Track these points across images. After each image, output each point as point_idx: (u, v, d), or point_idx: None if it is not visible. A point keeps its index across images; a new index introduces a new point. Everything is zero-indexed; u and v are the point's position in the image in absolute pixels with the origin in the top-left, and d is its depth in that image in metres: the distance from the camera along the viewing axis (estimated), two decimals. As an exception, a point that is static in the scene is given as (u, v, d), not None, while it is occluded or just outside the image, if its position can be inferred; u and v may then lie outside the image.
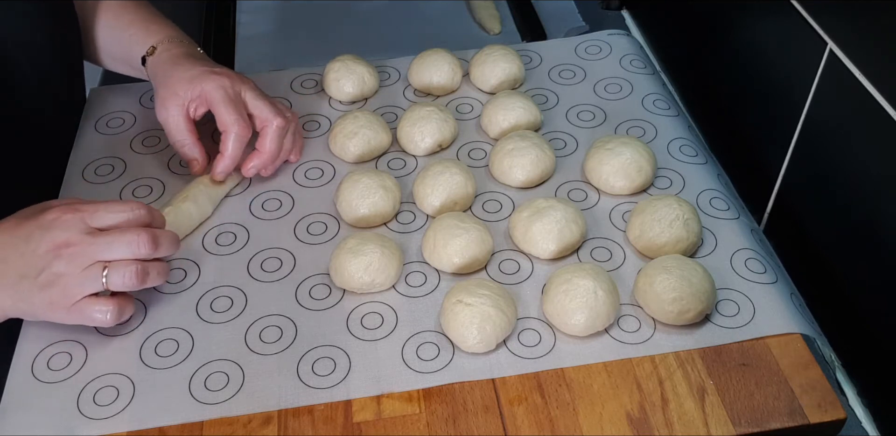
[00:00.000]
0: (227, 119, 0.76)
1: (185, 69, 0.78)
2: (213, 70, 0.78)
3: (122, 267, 0.64)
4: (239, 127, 0.76)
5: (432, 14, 1.11)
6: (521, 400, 0.64)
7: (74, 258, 0.63)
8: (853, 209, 0.70)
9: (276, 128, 0.78)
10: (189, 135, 0.79)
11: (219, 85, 0.76)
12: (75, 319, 0.65)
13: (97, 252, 0.64)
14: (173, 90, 0.78)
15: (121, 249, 0.64)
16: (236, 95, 0.77)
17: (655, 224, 0.71)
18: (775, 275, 0.71)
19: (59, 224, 0.64)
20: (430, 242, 0.72)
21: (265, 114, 0.78)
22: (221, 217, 0.78)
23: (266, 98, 0.79)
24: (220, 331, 0.69)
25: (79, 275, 0.63)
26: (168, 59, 0.81)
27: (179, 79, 0.78)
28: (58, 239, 0.63)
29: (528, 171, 0.78)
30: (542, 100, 0.90)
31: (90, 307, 0.64)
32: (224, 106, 0.76)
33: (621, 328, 0.68)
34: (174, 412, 0.63)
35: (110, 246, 0.64)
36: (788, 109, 0.76)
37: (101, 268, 0.64)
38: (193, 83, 0.77)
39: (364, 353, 0.67)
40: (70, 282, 0.63)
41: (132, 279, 0.64)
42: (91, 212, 0.65)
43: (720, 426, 0.61)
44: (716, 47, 0.91)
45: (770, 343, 0.66)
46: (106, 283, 0.64)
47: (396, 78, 0.94)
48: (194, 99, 0.77)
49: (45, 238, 0.63)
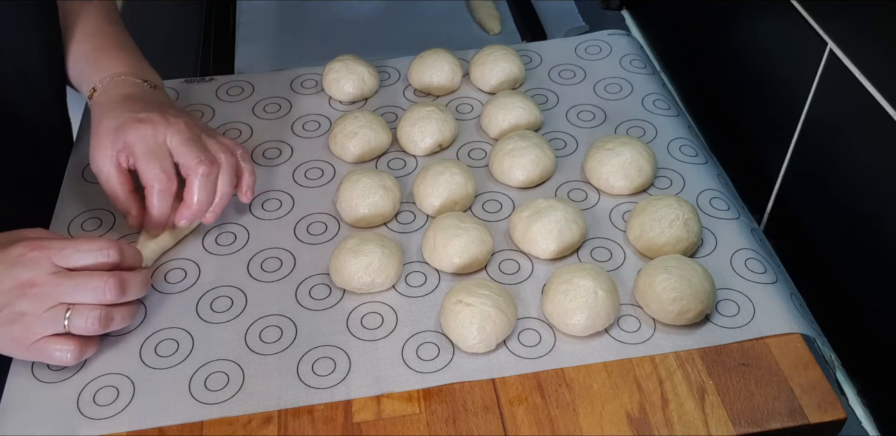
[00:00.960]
0: (147, 175, 0.71)
1: (114, 115, 0.73)
2: (137, 117, 0.72)
3: (84, 311, 0.63)
4: (159, 182, 0.71)
5: (432, 14, 1.11)
6: (521, 400, 0.64)
7: (38, 299, 0.62)
8: (853, 209, 0.70)
9: (200, 176, 0.72)
10: (121, 187, 0.73)
11: (140, 136, 0.71)
12: (34, 357, 0.64)
13: (61, 294, 0.62)
14: (100, 141, 0.73)
15: (85, 294, 0.63)
16: (159, 145, 0.72)
17: (655, 224, 0.71)
18: (775, 275, 0.71)
19: (24, 262, 0.62)
20: (430, 242, 0.72)
21: (187, 161, 0.72)
22: (222, 217, 0.78)
23: (193, 141, 0.73)
24: (220, 331, 0.69)
25: (41, 315, 0.62)
26: (103, 103, 0.76)
27: (107, 129, 0.73)
28: (22, 277, 0.62)
29: (528, 171, 0.78)
30: (542, 100, 0.90)
31: (50, 346, 0.63)
32: (144, 160, 0.71)
33: (621, 328, 0.68)
34: (174, 412, 0.63)
35: (75, 290, 0.62)
36: (788, 109, 0.76)
37: (63, 310, 0.62)
38: (118, 133, 0.72)
39: (364, 353, 0.67)
40: (31, 321, 0.62)
41: (94, 325, 0.63)
42: (58, 250, 0.63)
43: (720, 426, 0.61)
44: (716, 47, 0.91)
45: (770, 343, 0.66)
46: (67, 326, 0.62)
47: (396, 78, 0.94)
48: (121, 150, 0.72)
49: (9, 275, 0.62)
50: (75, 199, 0.80)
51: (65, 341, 0.63)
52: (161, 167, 0.71)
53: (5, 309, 0.62)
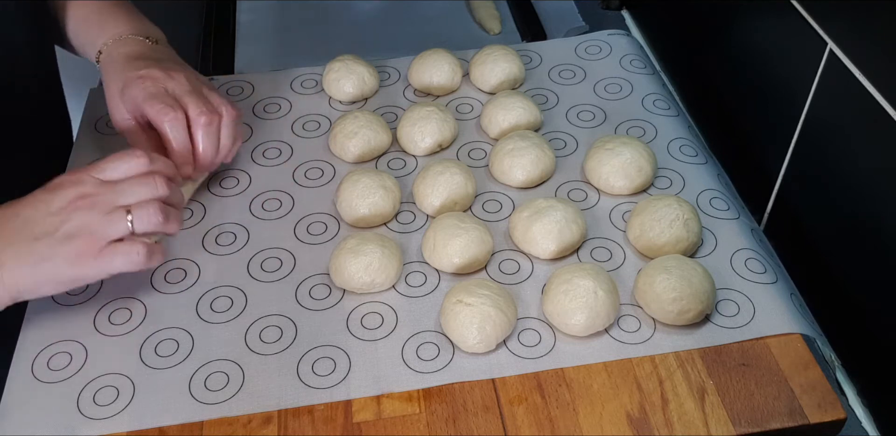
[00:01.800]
0: (153, 112, 0.73)
1: (118, 77, 0.76)
2: (138, 75, 0.75)
3: (145, 206, 0.64)
4: (165, 114, 0.72)
5: (432, 14, 1.11)
6: (521, 400, 0.64)
7: (94, 207, 0.63)
8: (853, 209, 0.70)
9: (202, 126, 0.74)
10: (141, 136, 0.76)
11: (140, 88, 0.74)
12: (104, 266, 0.63)
13: (117, 197, 0.64)
14: (114, 104, 0.76)
15: (140, 191, 0.64)
16: (160, 91, 0.74)
17: (655, 224, 0.71)
18: (775, 275, 0.71)
19: (66, 183, 0.64)
20: (430, 242, 0.72)
21: (190, 111, 0.74)
22: (221, 217, 0.78)
23: (194, 92, 0.75)
24: (220, 331, 0.69)
25: (102, 220, 0.63)
26: (109, 64, 0.78)
27: (115, 90, 0.76)
28: (71, 194, 0.63)
29: (528, 171, 0.78)
30: (542, 100, 0.90)
31: (121, 248, 0.63)
32: (148, 103, 0.73)
33: (621, 328, 0.68)
34: (174, 412, 0.63)
35: (129, 189, 0.64)
36: (788, 109, 0.76)
37: (124, 211, 0.63)
38: (124, 92, 0.75)
39: (364, 353, 0.67)
40: (94, 228, 0.62)
41: (157, 216, 0.64)
42: (94, 168, 0.65)
43: (720, 426, 0.61)
44: (716, 47, 0.91)
45: (770, 343, 0.66)
46: (132, 225, 0.63)
47: (396, 78, 0.94)
48: (132, 110, 0.75)
49: (57, 197, 0.63)
50: (75, 199, 0.80)
51: (132, 242, 0.64)
52: (164, 103, 0.73)
53: (62, 227, 0.62)
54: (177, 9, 1.14)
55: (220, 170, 0.83)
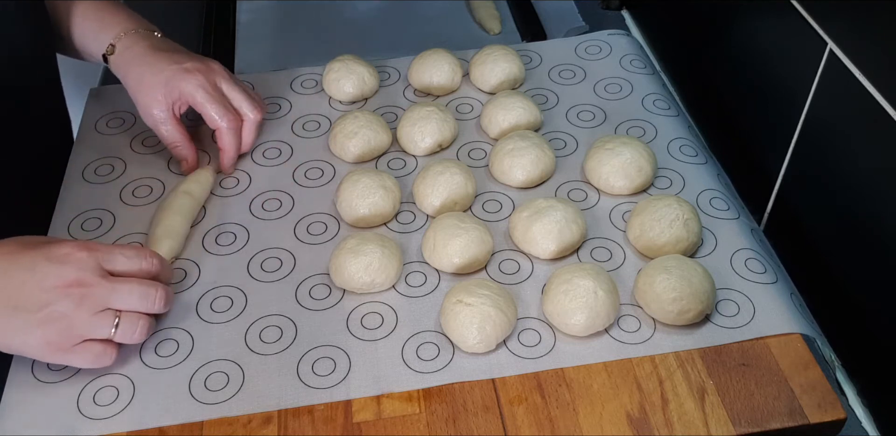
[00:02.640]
0: (215, 117, 0.78)
1: (156, 70, 0.78)
2: (184, 68, 0.78)
3: (134, 320, 0.63)
4: (228, 121, 0.78)
5: (432, 14, 1.11)
6: (521, 400, 0.64)
7: (86, 300, 0.60)
8: (853, 209, 0.70)
9: (253, 121, 0.81)
10: (181, 136, 0.80)
11: (197, 85, 0.77)
12: (69, 361, 0.62)
13: (112, 298, 0.62)
14: (152, 96, 0.78)
15: (135, 301, 0.63)
16: (215, 90, 0.79)
17: (655, 224, 0.71)
18: (775, 275, 0.71)
19: (72, 260, 0.61)
20: (430, 242, 0.72)
21: (244, 108, 0.80)
22: (221, 217, 0.78)
23: (241, 87, 0.81)
24: (220, 331, 0.69)
25: (87, 318, 0.61)
26: (133, 58, 0.79)
27: (154, 83, 0.78)
28: (69, 276, 0.60)
29: (528, 171, 0.78)
30: (542, 100, 0.90)
31: (93, 349, 0.62)
32: (209, 106, 0.78)
33: (621, 328, 0.68)
34: (174, 412, 0.63)
35: (127, 295, 0.62)
36: (788, 109, 0.76)
37: (113, 315, 0.62)
38: (170, 86, 0.77)
39: (364, 353, 0.67)
40: (76, 324, 0.60)
41: (141, 334, 0.63)
42: (106, 253, 0.63)
43: (720, 426, 0.61)
44: (716, 47, 0.91)
45: (770, 343, 0.66)
46: (114, 332, 0.62)
47: (396, 78, 0.94)
48: (176, 100, 0.78)
49: (53, 272, 0.60)
50: (75, 199, 0.80)
51: (107, 344, 0.63)
52: (225, 108, 0.78)
53: (45, 309, 0.60)
54: (177, 9, 1.15)
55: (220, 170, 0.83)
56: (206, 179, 0.79)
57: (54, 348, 0.61)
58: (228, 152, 0.80)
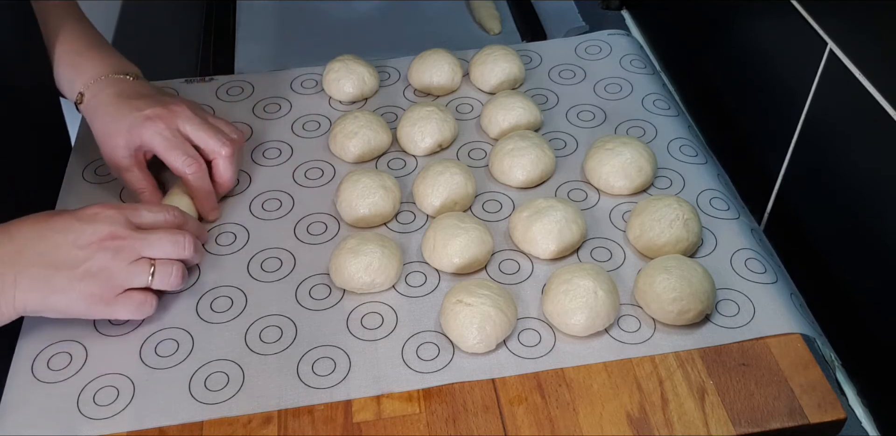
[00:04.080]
0: (177, 165, 0.75)
1: (118, 118, 0.76)
2: (144, 115, 0.75)
3: (169, 265, 0.66)
4: (189, 167, 0.75)
5: (432, 14, 1.11)
6: (521, 400, 0.64)
7: (121, 251, 0.64)
8: (853, 209, 0.70)
9: (225, 158, 0.77)
10: (146, 183, 0.77)
11: (155, 132, 0.74)
12: (112, 313, 0.65)
13: (144, 248, 0.65)
14: (114, 144, 0.76)
15: (167, 248, 0.66)
16: (176, 135, 0.75)
17: (655, 224, 0.71)
18: (775, 275, 0.71)
19: (101, 218, 0.64)
20: (430, 242, 0.72)
21: (210, 145, 0.76)
22: (221, 217, 0.78)
23: (205, 125, 0.77)
24: (220, 331, 0.69)
25: (125, 268, 0.64)
26: (97, 106, 0.77)
27: (115, 131, 0.75)
28: (102, 232, 0.64)
29: (528, 171, 0.78)
30: (542, 100, 0.90)
31: (135, 298, 0.65)
32: (167, 152, 0.75)
33: (621, 328, 0.68)
34: (174, 412, 0.63)
35: (158, 243, 0.66)
36: (788, 109, 0.76)
37: (148, 264, 0.65)
38: (132, 134, 0.75)
39: (364, 353, 0.67)
40: (115, 274, 0.64)
41: (177, 278, 0.67)
42: (132, 209, 0.66)
43: (720, 426, 0.61)
44: (716, 47, 0.91)
45: (770, 343, 0.66)
46: (152, 279, 0.65)
47: (396, 78, 0.94)
48: (138, 148, 0.76)
49: (87, 230, 0.63)
50: (75, 199, 0.80)
51: (147, 293, 0.66)
52: (186, 153, 0.75)
53: (84, 264, 0.63)
54: (177, 9, 1.15)
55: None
56: None
57: (97, 300, 0.64)
58: (201, 199, 0.76)
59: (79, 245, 0.63)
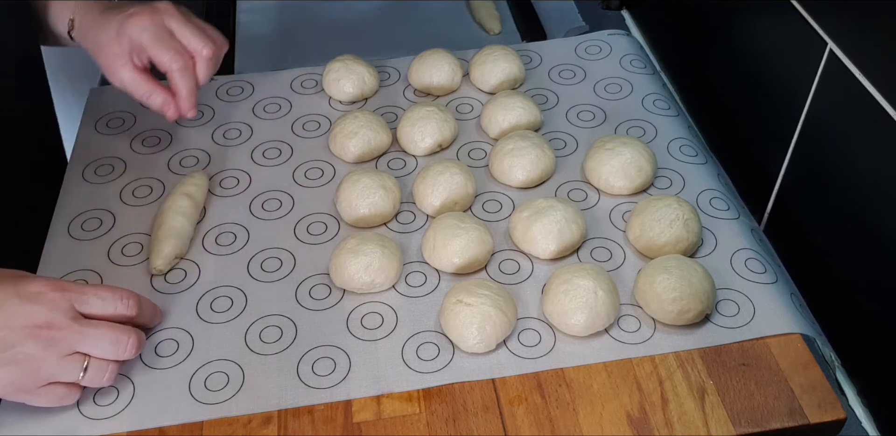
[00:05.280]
0: (163, 58, 0.74)
1: (106, 26, 0.76)
2: (128, 14, 0.75)
3: (104, 366, 0.61)
4: (176, 62, 0.74)
5: (432, 14, 1.11)
6: (521, 400, 0.64)
7: (54, 343, 0.58)
8: (853, 209, 0.70)
9: (205, 58, 0.76)
10: (150, 85, 0.76)
11: (141, 28, 0.74)
12: (31, 401, 0.60)
13: (81, 343, 0.59)
14: (109, 52, 0.75)
15: (105, 347, 0.60)
16: (161, 30, 0.75)
17: (655, 224, 0.71)
18: (775, 275, 0.71)
19: (44, 301, 0.59)
20: (430, 242, 0.72)
21: (193, 43, 0.76)
22: (221, 217, 0.78)
23: (191, 24, 0.76)
24: (220, 331, 0.69)
25: (55, 362, 0.59)
26: (88, 25, 0.78)
27: (107, 40, 0.75)
28: (39, 318, 0.58)
29: (528, 171, 0.78)
30: (542, 100, 0.90)
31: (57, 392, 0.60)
32: (154, 47, 0.74)
33: (621, 328, 0.68)
34: (174, 412, 0.63)
35: (97, 340, 0.60)
36: (788, 109, 0.76)
37: (81, 359, 0.60)
38: (120, 37, 0.74)
39: (364, 353, 0.67)
40: (43, 367, 0.58)
41: (110, 380, 0.62)
42: (79, 294, 0.61)
43: (720, 426, 0.61)
44: (716, 47, 0.91)
45: (770, 343, 0.66)
46: (83, 377, 0.60)
47: (396, 78, 0.94)
48: (131, 51, 0.75)
49: (23, 312, 0.58)
50: (75, 199, 0.80)
51: (72, 386, 0.61)
52: (173, 49, 0.74)
53: (12, 349, 0.57)
54: (177, 9, 1.14)
55: (220, 170, 0.83)
56: (202, 181, 0.79)
57: (16, 389, 0.59)
58: (183, 94, 0.76)
59: (10, 327, 0.57)
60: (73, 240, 0.76)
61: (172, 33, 0.75)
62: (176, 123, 0.88)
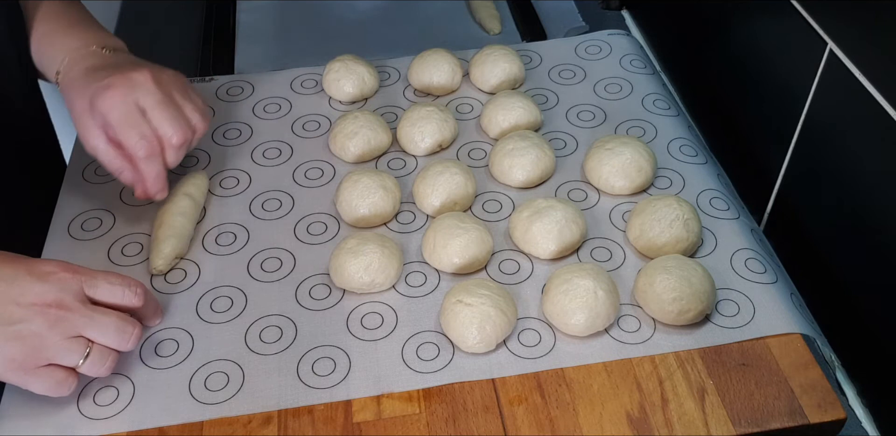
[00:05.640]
0: (129, 143, 0.70)
1: (83, 93, 0.71)
2: (102, 85, 0.70)
3: (105, 354, 0.61)
4: (142, 149, 0.70)
5: (432, 14, 1.11)
6: (521, 400, 0.64)
7: (60, 323, 0.58)
8: (853, 209, 0.70)
9: (174, 147, 0.72)
10: (120, 162, 0.72)
11: (111, 105, 0.69)
12: (26, 383, 0.59)
13: (87, 327, 0.59)
14: (83, 122, 0.71)
15: (110, 335, 0.60)
16: (132, 110, 0.70)
17: (655, 224, 0.71)
18: (775, 275, 0.71)
19: (54, 280, 0.59)
20: (430, 242, 0.72)
21: (163, 128, 0.71)
22: (221, 217, 0.78)
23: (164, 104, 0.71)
24: (220, 331, 0.69)
25: (58, 342, 0.58)
26: (69, 83, 0.73)
27: (82, 108, 0.71)
28: (49, 296, 0.58)
29: (528, 171, 0.78)
30: (542, 100, 0.90)
31: (56, 375, 0.59)
32: (120, 129, 0.70)
33: (621, 328, 0.68)
34: (174, 412, 0.63)
35: (104, 326, 0.60)
36: (788, 109, 0.76)
37: (84, 344, 0.60)
38: (94, 109, 0.70)
39: (364, 353, 0.67)
40: (46, 345, 0.58)
41: (108, 370, 0.61)
42: (89, 277, 0.60)
43: (720, 426, 0.61)
44: (716, 47, 0.91)
45: (770, 343, 0.66)
46: (83, 363, 0.60)
47: (396, 78, 0.94)
48: (104, 124, 0.71)
49: (33, 289, 0.58)
50: (75, 199, 0.80)
51: (70, 372, 0.60)
52: (140, 134, 0.70)
53: (17, 325, 0.57)
54: (177, 9, 1.14)
55: (220, 170, 0.83)
56: (202, 181, 0.79)
57: (16, 367, 0.58)
58: (149, 179, 0.72)
59: (19, 302, 0.57)
60: (74, 240, 0.76)
61: (144, 113, 0.70)
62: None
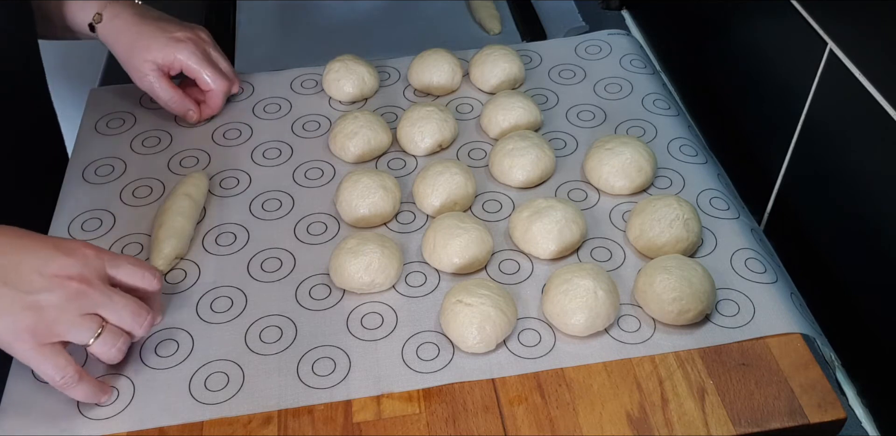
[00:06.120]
0: (209, 80, 0.85)
1: (147, 37, 0.83)
2: (175, 37, 0.84)
3: (116, 336, 0.61)
4: (221, 84, 0.86)
5: (432, 14, 1.11)
6: (521, 400, 0.64)
7: (79, 298, 0.59)
8: (853, 209, 0.70)
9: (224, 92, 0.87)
10: (175, 92, 0.85)
11: (190, 52, 0.84)
12: (30, 358, 0.59)
13: (104, 306, 0.60)
14: (145, 58, 0.83)
15: (126, 318, 0.61)
16: (206, 55, 0.86)
17: (655, 224, 0.71)
18: (775, 275, 0.71)
19: (79, 255, 0.60)
20: (430, 242, 0.72)
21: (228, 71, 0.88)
22: (221, 217, 0.78)
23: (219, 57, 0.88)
24: (220, 331, 0.69)
25: (73, 318, 0.59)
26: (121, 26, 0.84)
27: (148, 47, 0.83)
28: (71, 269, 0.59)
29: (528, 171, 0.78)
30: (542, 100, 0.90)
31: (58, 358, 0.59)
32: (203, 70, 0.85)
33: (621, 328, 0.68)
34: (174, 412, 0.63)
35: (121, 307, 0.61)
36: (788, 109, 0.76)
37: (98, 323, 0.60)
38: (165, 52, 0.83)
39: (364, 353, 0.67)
40: (60, 319, 0.58)
41: (117, 354, 0.62)
42: (112, 257, 0.62)
43: (720, 426, 0.61)
44: (716, 47, 0.91)
45: (770, 343, 0.66)
46: (94, 341, 0.60)
47: (396, 78, 0.94)
48: (167, 64, 0.84)
49: (57, 261, 0.59)
50: (75, 199, 0.80)
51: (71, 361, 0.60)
52: (217, 71, 0.86)
53: (36, 295, 0.57)
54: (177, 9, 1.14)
55: (220, 170, 0.83)
56: (202, 182, 0.79)
57: (28, 336, 0.58)
58: (212, 110, 0.88)
59: (42, 273, 0.58)
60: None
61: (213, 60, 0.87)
62: (176, 124, 0.88)
